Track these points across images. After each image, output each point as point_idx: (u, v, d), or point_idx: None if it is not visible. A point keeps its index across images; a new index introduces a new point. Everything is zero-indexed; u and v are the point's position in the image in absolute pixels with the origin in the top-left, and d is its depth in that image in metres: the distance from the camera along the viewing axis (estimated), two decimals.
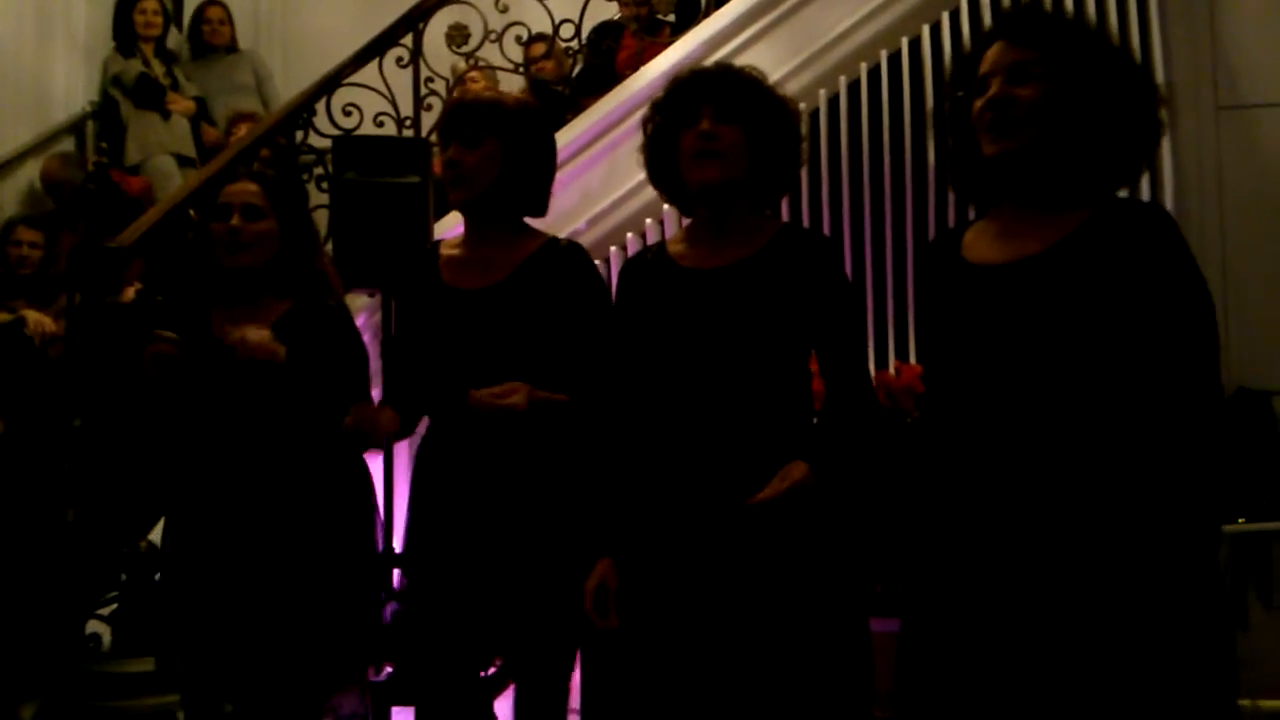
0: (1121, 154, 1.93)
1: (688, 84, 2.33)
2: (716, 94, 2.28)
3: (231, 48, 6.43)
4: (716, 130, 2.25)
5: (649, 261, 2.40)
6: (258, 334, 2.53)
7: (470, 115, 2.50)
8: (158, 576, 3.68)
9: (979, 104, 1.93)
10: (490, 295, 2.48)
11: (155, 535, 3.95)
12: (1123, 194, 2.00)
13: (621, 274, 2.45)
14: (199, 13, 6.42)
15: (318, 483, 2.59)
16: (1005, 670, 1.82)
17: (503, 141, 2.49)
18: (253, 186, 2.68)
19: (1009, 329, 1.88)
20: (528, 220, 2.60)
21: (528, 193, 2.56)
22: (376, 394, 2.97)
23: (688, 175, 2.29)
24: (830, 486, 2.20)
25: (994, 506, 1.86)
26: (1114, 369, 1.83)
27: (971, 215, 2.18)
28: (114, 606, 3.74)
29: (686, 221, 2.45)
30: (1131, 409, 1.82)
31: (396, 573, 3.21)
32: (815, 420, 2.31)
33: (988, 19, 4.49)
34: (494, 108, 2.51)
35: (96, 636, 3.72)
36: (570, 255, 2.54)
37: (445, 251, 2.60)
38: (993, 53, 1.95)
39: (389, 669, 3.55)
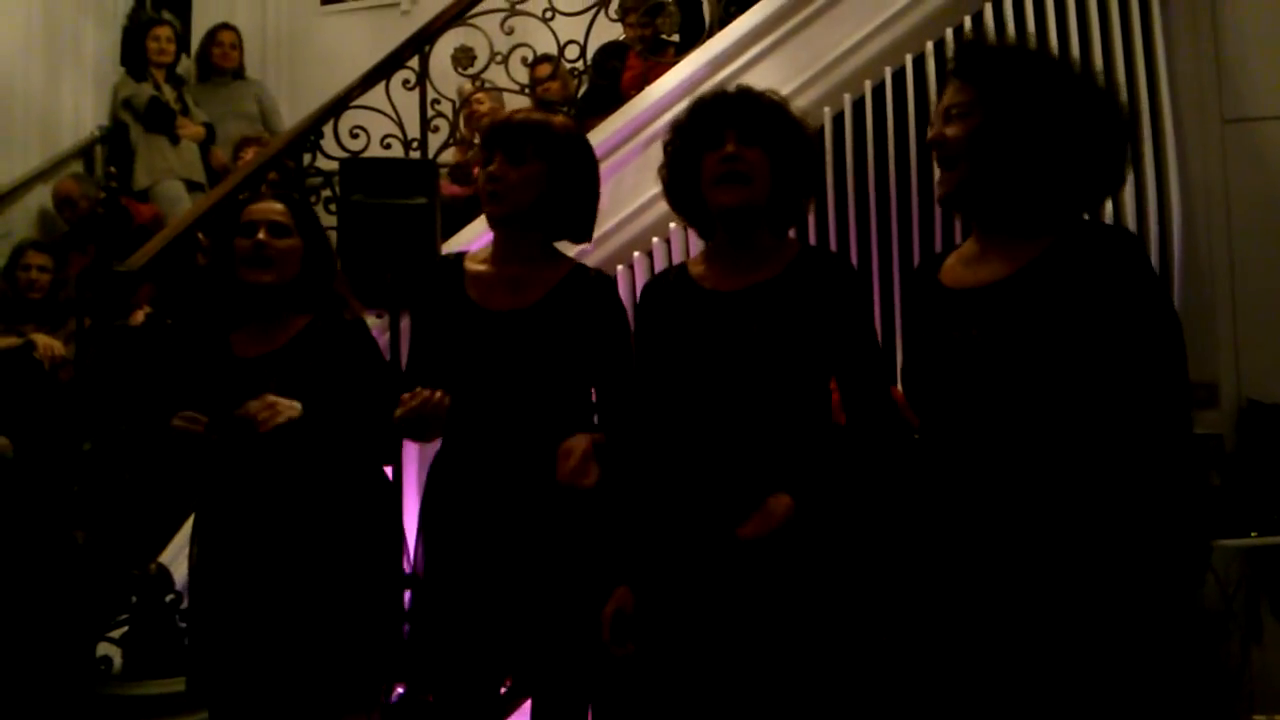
0: (1079, 180, 1.97)
1: (711, 106, 2.33)
2: (740, 117, 2.29)
3: (239, 73, 6.47)
4: (741, 153, 2.26)
5: (670, 283, 2.40)
6: (262, 407, 2.49)
7: (519, 133, 2.48)
8: (169, 598, 3.70)
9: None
10: (522, 318, 2.46)
11: (166, 557, 3.96)
12: (1111, 212, 2.04)
13: (643, 296, 2.45)
14: (211, 35, 6.47)
15: (342, 503, 2.57)
16: (983, 687, 1.84)
17: (548, 163, 2.47)
18: (279, 205, 2.69)
19: (974, 352, 1.92)
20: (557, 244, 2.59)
21: (568, 217, 2.54)
22: None
23: (710, 198, 2.29)
24: (846, 509, 2.20)
25: (967, 529, 1.89)
26: (1077, 391, 1.85)
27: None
28: (125, 629, 3.74)
29: (700, 244, 2.45)
30: (1095, 432, 1.84)
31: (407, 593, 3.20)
32: (834, 440, 2.31)
33: (992, 35, 4.50)
34: (543, 129, 2.49)
35: (108, 659, 3.72)
36: (600, 285, 2.53)
37: (471, 267, 2.56)
38: (947, 90, 2.07)
39: (400, 689, 3.54)
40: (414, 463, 4.16)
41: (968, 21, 4.55)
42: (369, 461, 2.69)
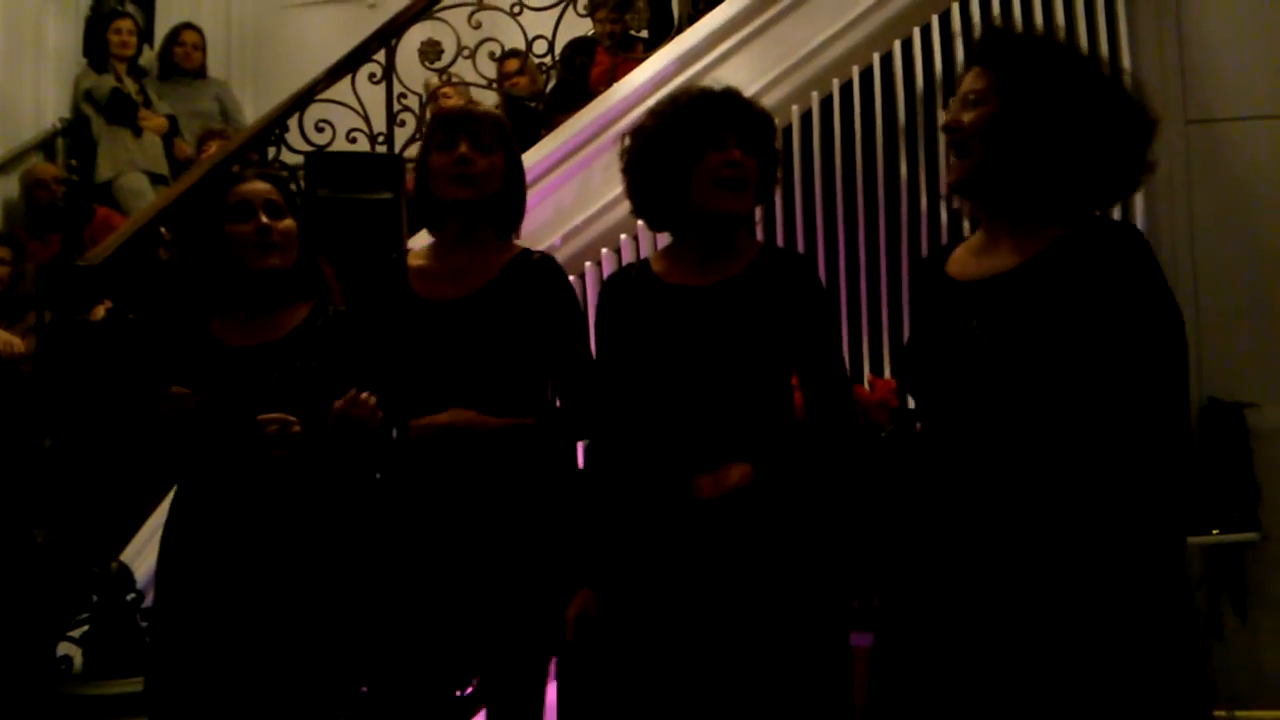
0: (1093, 176, 1.95)
1: (712, 106, 2.30)
2: (740, 122, 2.30)
3: (200, 73, 6.43)
4: (744, 160, 2.28)
5: (633, 279, 2.40)
6: (277, 426, 2.43)
7: (485, 124, 2.53)
8: (130, 597, 3.66)
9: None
10: (465, 305, 2.46)
11: (127, 555, 3.92)
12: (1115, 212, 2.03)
13: (603, 291, 2.44)
14: (174, 34, 6.42)
15: (328, 503, 2.50)
16: (978, 683, 1.83)
17: (507, 157, 2.55)
18: (268, 185, 2.60)
19: (977, 343, 1.91)
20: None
21: (514, 211, 2.59)
22: None
23: (708, 198, 2.27)
24: (807, 502, 2.21)
25: (963, 520, 1.88)
26: (1080, 385, 1.84)
27: (943, 229, 2.20)
28: (85, 628, 3.69)
29: (667, 240, 2.44)
30: (1097, 425, 1.84)
31: None
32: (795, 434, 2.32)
33: (959, 35, 4.52)
34: (502, 125, 2.58)
35: (68, 658, 3.68)
36: (543, 267, 2.53)
37: (413, 263, 2.57)
38: (966, 77, 2.04)
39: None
40: None
41: (935, 21, 4.56)
42: (356, 464, 2.60)
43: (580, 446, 2.55)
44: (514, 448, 2.40)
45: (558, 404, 2.55)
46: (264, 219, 2.54)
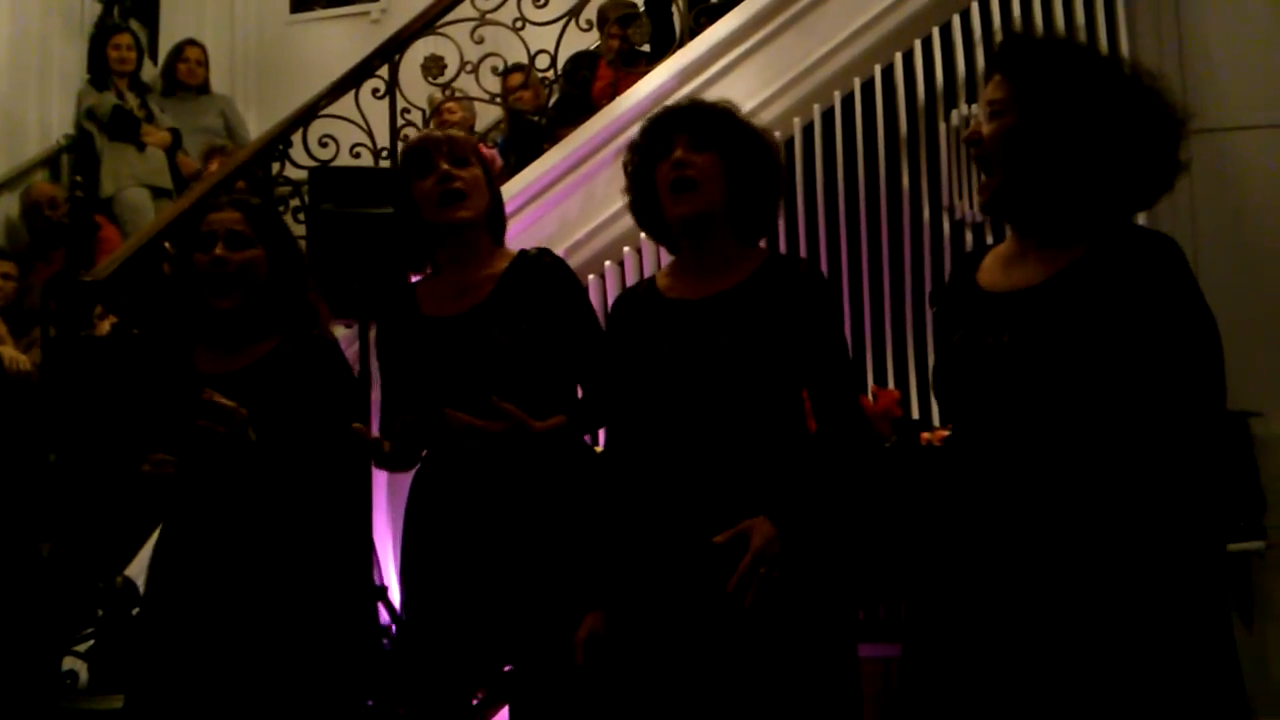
0: (1119, 181, 1.88)
1: (661, 120, 2.35)
2: (689, 124, 2.30)
3: (203, 89, 6.45)
4: (690, 158, 2.26)
5: (639, 295, 2.41)
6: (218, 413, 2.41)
7: (455, 142, 2.58)
8: (135, 611, 3.66)
9: None
10: (471, 318, 2.48)
11: (132, 570, 3.92)
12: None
13: (613, 310, 2.46)
14: (177, 51, 6.44)
15: (308, 521, 2.50)
16: (1009, 694, 1.80)
17: (482, 167, 2.59)
18: (235, 214, 2.58)
19: (1005, 358, 1.86)
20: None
21: (502, 213, 2.66)
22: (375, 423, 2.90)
23: (665, 209, 2.30)
24: (816, 522, 2.18)
25: (992, 533, 1.85)
26: (1109, 401, 1.80)
27: (945, 239, 2.18)
28: (91, 643, 3.70)
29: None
30: (1129, 438, 1.79)
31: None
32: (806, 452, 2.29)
33: (960, 46, 4.54)
34: (469, 140, 2.65)
35: (73, 673, 3.68)
36: (540, 261, 2.56)
37: (421, 289, 2.62)
38: (989, 84, 1.97)
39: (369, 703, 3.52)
40: (382, 476, 4.13)
41: (936, 33, 4.58)
42: (334, 481, 2.60)
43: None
44: (553, 448, 2.41)
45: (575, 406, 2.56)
46: (219, 251, 2.52)
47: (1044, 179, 1.89)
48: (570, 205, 4.61)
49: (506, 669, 2.44)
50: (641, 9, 5.36)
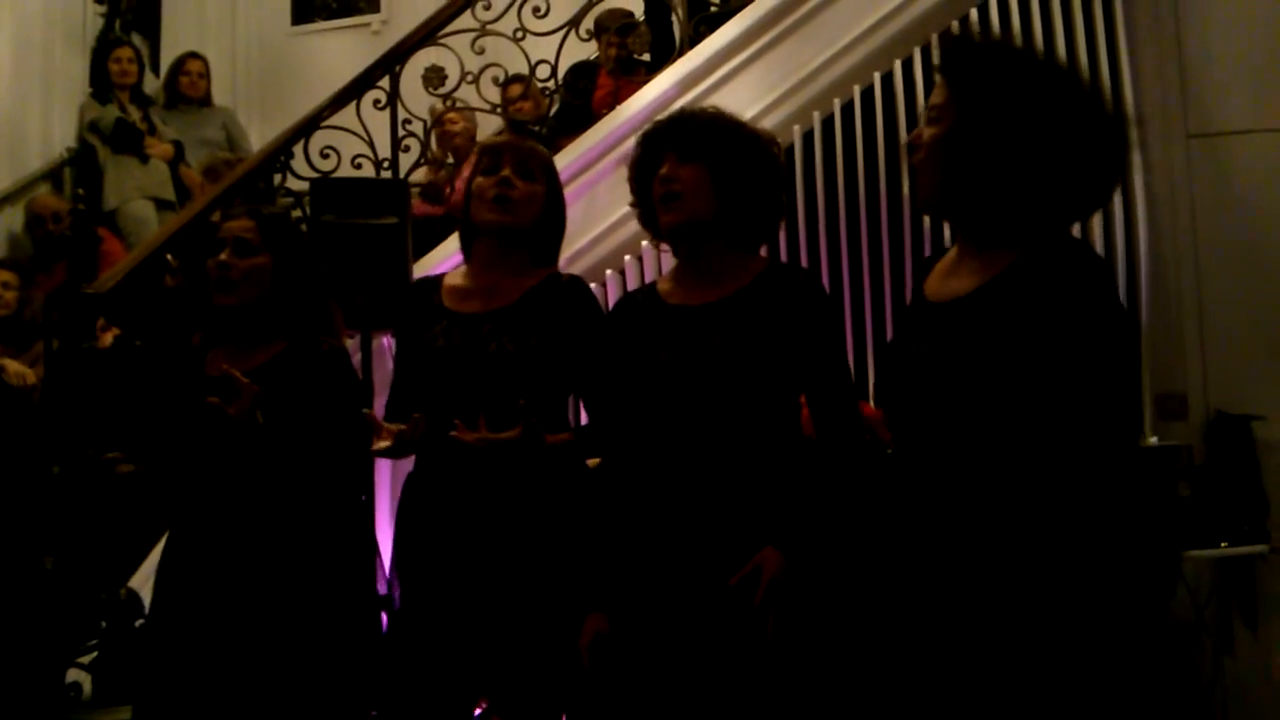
0: (1054, 189, 1.82)
1: (649, 135, 2.41)
2: (676, 138, 2.35)
3: (205, 101, 6.47)
4: (675, 173, 2.31)
5: (639, 300, 2.43)
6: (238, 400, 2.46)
7: (530, 154, 2.60)
8: (139, 623, 3.67)
9: None
10: (486, 320, 2.49)
11: (135, 582, 3.93)
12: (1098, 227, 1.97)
13: (612, 313, 2.49)
14: (179, 63, 6.47)
15: (313, 530, 2.52)
16: (914, 690, 1.82)
17: (549, 188, 2.60)
18: (247, 222, 2.65)
19: (923, 370, 1.85)
20: None
21: (551, 239, 2.64)
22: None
23: (659, 220, 2.36)
24: (816, 533, 2.20)
25: (921, 546, 1.84)
26: (1017, 414, 1.76)
27: (946, 246, 2.18)
28: (94, 655, 3.70)
29: (672, 261, 2.47)
30: (1035, 453, 1.75)
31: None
32: (804, 458, 2.30)
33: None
34: (548, 160, 2.65)
35: (77, 685, 3.68)
36: (573, 287, 2.56)
37: (449, 281, 2.63)
38: (935, 90, 1.93)
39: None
40: (386, 486, 4.14)
41: (935, 40, 4.58)
42: (339, 489, 2.64)
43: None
44: (555, 463, 2.42)
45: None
46: (224, 256, 2.59)
47: (975, 183, 1.84)
48: (571, 214, 4.54)
49: (506, 679, 2.43)
50: (641, 18, 5.37)
